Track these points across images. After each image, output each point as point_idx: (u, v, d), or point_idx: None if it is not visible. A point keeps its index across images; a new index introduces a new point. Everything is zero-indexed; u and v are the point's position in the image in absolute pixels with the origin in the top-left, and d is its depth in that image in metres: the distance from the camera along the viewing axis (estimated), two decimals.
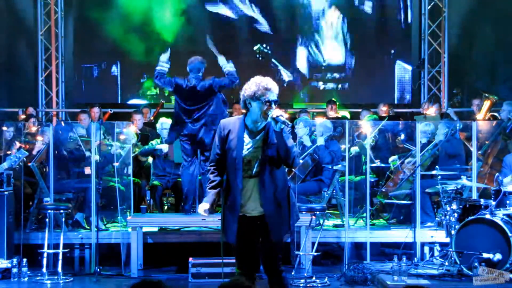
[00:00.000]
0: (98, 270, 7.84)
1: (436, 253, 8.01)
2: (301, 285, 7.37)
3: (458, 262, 7.21)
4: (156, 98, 13.72)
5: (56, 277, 7.64)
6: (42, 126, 9.81)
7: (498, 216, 7.21)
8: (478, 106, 10.84)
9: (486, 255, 7.05)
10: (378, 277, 7.37)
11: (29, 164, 8.53)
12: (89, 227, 8.54)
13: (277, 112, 4.92)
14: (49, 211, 7.92)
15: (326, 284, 7.45)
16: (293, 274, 7.59)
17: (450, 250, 7.32)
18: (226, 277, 6.14)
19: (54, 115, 13.76)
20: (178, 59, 9.04)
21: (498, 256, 7.04)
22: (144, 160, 9.75)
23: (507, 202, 7.31)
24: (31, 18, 13.76)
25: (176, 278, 7.86)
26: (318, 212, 7.78)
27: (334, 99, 12.30)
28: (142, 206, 8.71)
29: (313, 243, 7.78)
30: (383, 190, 9.15)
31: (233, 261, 5.19)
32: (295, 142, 8.78)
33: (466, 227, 7.25)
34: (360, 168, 9.49)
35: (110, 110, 10.83)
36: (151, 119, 11.44)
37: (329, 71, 13.84)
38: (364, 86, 13.69)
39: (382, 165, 9.23)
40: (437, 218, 8.19)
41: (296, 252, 7.84)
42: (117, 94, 13.83)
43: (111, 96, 13.77)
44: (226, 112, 8.47)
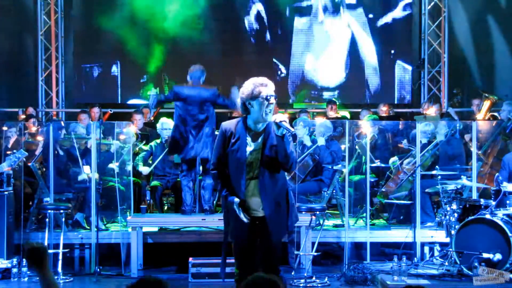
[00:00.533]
0: (98, 270, 7.85)
1: (436, 253, 8.01)
2: (301, 285, 7.37)
3: (458, 262, 7.21)
4: None
5: (56, 277, 7.63)
6: (42, 126, 9.81)
7: (498, 216, 7.20)
8: (478, 106, 10.85)
9: (486, 255, 7.04)
10: (378, 277, 7.37)
11: (29, 164, 8.53)
12: (89, 227, 8.54)
13: (280, 117, 4.93)
14: (49, 211, 7.92)
15: (326, 284, 7.46)
16: (293, 274, 7.59)
17: (450, 250, 7.32)
18: (226, 277, 6.12)
19: (54, 115, 13.75)
20: (178, 59, 9.03)
21: (498, 256, 7.04)
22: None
23: (507, 202, 7.30)
24: (31, 18, 13.76)
25: (176, 278, 7.86)
26: (318, 212, 7.78)
27: (334, 99, 12.29)
28: (142, 206, 8.71)
29: (313, 243, 7.79)
30: (383, 190, 9.14)
31: (233, 261, 5.19)
32: (295, 142, 8.78)
33: (466, 227, 7.25)
34: (360, 168, 9.49)
35: (110, 111, 10.81)
36: (151, 119, 11.43)
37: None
38: (364, 86, 13.68)
39: (382, 165, 9.23)
40: (437, 218, 8.19)
41: (296, 252, 7.83)
42: (117, 94, 13.80)
43: (111, 96, 13.74)
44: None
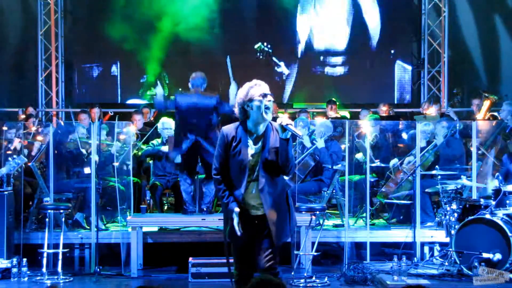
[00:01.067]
0: (98, 270, 7.85)
1: (436, 253, 8.00)
2: (301, 285, 7.37)
3: (458, 262, 7.21)
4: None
5: (56, 277, 7.64)
6: (42, 126, 9.81)
7: (498, 216, 7.21)
8: (478, 106, 10.85)
9: (486, 255, 7.05)
10: (378, 277, 7.37)
11: (29, 164, 8.53)
12: (89, 227, 8.55)
13: (286, 120, 4.94)
14: (49, 211, 7.92)
15: (326, 284, 7.45)
16: (292, 274, 7.59)
17: (450, 250, 7.32)
18: (226, 277, 6.12)
19: (54, 115, 13.75)
20: (179, 59, 9.02)
21: (498, 256, 7.04)
22: (147, 161, 9.74)
23: (507, 202, 7.31)
24: (31, 18, 13.75)
25: (176, 278, 7.87)
26: (318, 212, 7.78)
27: (334, 99, 12.29)
28: (142, 206, 8.71)
29: (313, 243, 7.78)
30: (383, 190, 9.14)
31: (232, 260, 5.19)
32: (295, 142, 8.78)
33: (466, 227, 7.25)
34: (360, 168, 9.49)
35: (111, 112, 10.80)
36: (151, 119, 11.44)
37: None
38: (364, 86, 13.68)
39: (382, 165, 9.23)
40: (437, 218, 8.20)
41: (296, 252, 7.83)
42: (117, 94, 13.79)
43: (111, 96, 13.73)
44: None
